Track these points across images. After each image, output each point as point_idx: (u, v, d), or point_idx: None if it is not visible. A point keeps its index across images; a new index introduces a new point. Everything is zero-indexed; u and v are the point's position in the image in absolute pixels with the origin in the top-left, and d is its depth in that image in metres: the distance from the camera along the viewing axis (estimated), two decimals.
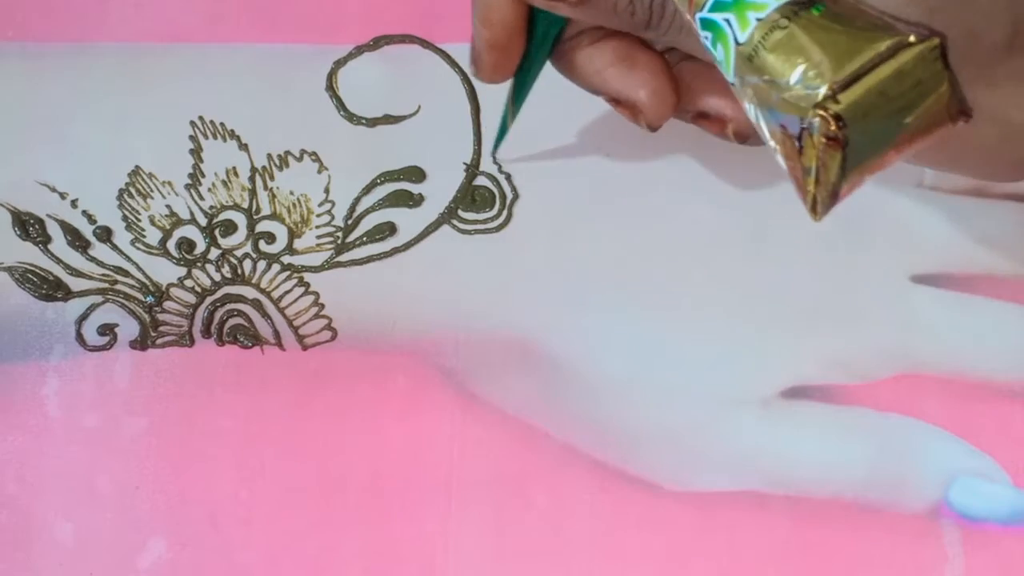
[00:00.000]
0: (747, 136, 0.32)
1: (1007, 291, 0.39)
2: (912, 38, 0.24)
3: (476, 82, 0.40)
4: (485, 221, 0.40)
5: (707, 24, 0.26)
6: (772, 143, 0.26)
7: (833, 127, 0.24)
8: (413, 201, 0.40)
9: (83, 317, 0.39)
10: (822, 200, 0.25)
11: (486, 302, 0.39)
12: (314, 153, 0.40)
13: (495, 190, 0.40)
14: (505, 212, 0.40)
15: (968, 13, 0.26)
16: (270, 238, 0.40)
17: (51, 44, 0.42)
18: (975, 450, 0.38)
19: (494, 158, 0.40)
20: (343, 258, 0.40)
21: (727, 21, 0.26)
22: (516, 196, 0.40)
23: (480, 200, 0.40)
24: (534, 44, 0.32)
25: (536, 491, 0.37)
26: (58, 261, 0.39)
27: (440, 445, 0.38)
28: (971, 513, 0.37)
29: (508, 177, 0.40)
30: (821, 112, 0.24)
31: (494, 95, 0.40)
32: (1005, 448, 0.38)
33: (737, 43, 0.26)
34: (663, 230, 0.40)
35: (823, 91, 0.24)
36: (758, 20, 0.25)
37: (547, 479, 0.37)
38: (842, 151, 0.24)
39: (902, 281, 0.39)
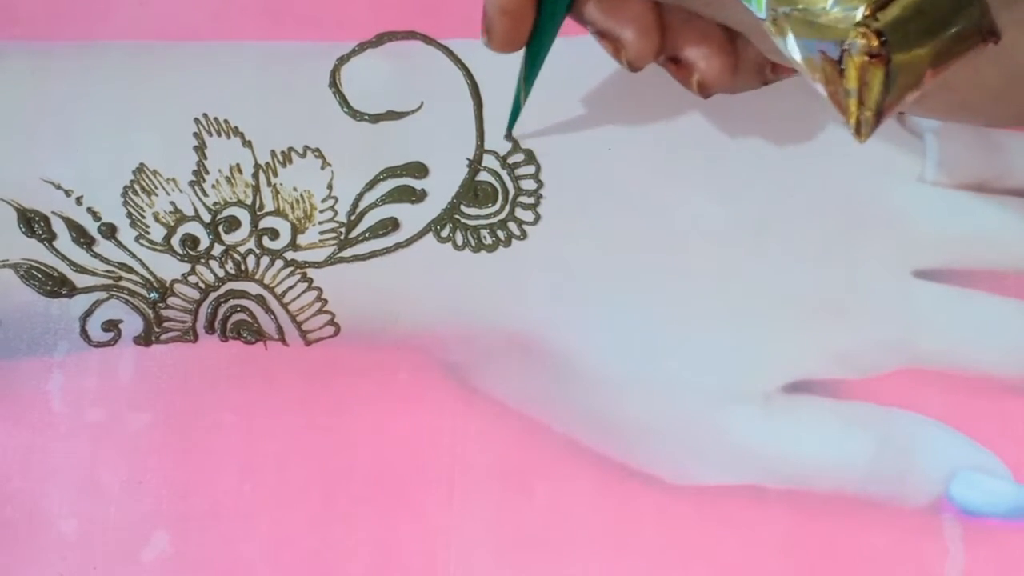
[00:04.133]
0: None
1: (1009, 286, 0.39)
2: None
3: (479, 78, 0.41)
4: (488, 216, 0.40)
5: None
6: (809, 73, 0.26)
7: (875, 43, 0.24)
8: (416, 197, 0.40)
9: (87, 313, 0.39)
10: (866, 120, 0.25)
11: (488, 297, 0.39)
12: (317, 149, 0.40)
13: (497, 185, 0.40)
14: (508, 207, 0.40)
15: None
16: (273, 234, 0.40)
17: (56, 42, 0.42)
18: (976, 445, 0.38)
19: (509, 137, 0.40)
20: (346, 254, 0.40)
21: None
22: (519, 191, 0.40)
23: (483, 195, 0.40)
24: (544, 15, 0.32)
25: (538, 484, 0.37)
26: (63, 258, 0.40)
27: (442, 439, 0.38)
28: (972, 508, 0.37)
29: (511, 172, 0.40)
30: (862, 30, 0.24)
31: (496, 91, 0.40)
32: (1006, 443, 0.38)
33: None
34: (666, 224, 0.40)
35: (861, 11, 0.24)
36: None
37: (549, 473, 0.37)
38: (885, 67, 0.24)
39: (904, 276, 0.39)
